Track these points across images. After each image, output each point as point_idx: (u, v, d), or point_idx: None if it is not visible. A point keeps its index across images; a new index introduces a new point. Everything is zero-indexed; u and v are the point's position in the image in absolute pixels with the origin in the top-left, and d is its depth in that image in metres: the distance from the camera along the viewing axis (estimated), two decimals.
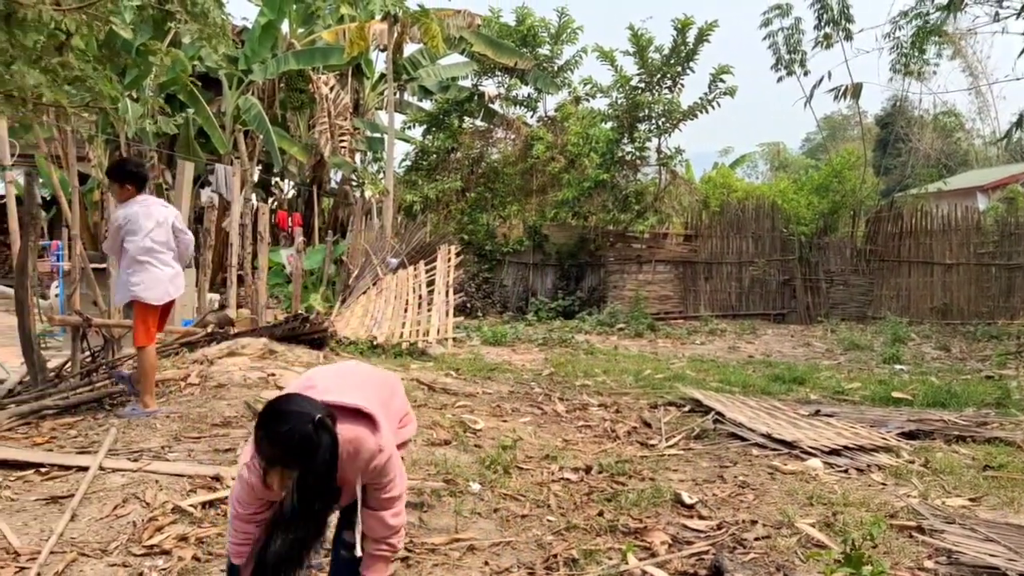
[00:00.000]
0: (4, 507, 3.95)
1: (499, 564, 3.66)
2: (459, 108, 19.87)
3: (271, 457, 2.36)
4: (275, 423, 2.35)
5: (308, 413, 2.36)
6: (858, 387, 8.61)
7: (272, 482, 2.39)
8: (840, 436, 5.92)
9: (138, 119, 14.13)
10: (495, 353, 11.68)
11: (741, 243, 17.97)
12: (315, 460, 2.34)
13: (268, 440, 2.35)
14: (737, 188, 19.89)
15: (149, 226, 5.67)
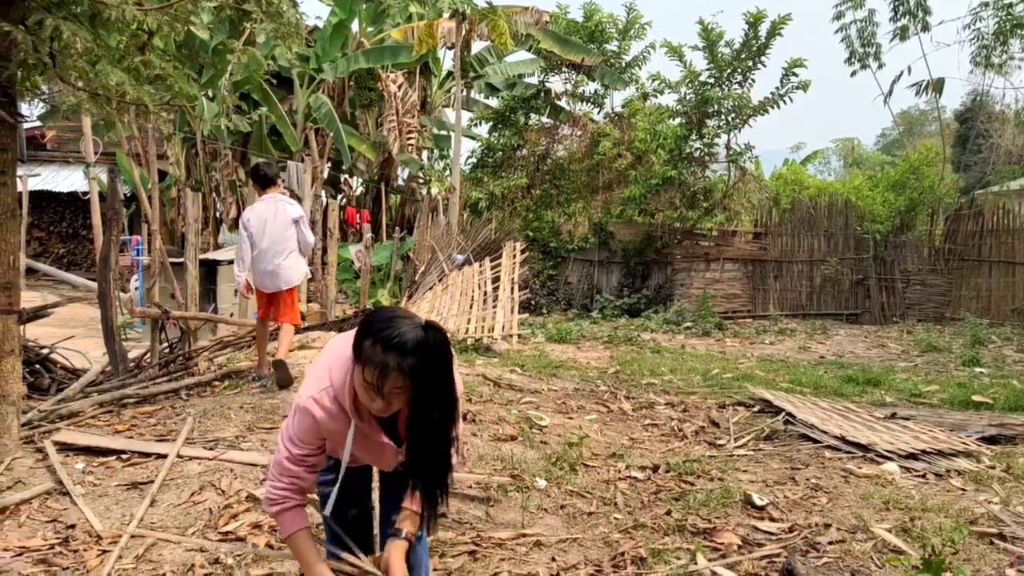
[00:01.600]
0: (88, 492, 4.10)
1: (566, 560, 3.65)
2: (525, 105, 19.87)
3: (381, 365, 2.12)
4: (380, 329, 2.14)
5: (413, 318, 2.19)
6: (936, 390, 8.34)
7: (383, 389, 2.15)
8: (918, 440, 5.75)
9: (214, 117, 14.51)
10: (560, 350, 11.65)
11: (813, 241, 17.56)
12: (434, 361, 2.14)
13: (379, 346, 2.12)
14: (809, 185, 19.42)
15: (256, 224, 6.65)
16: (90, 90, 4.31)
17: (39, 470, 4.31)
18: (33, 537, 3.62)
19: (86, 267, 21.95)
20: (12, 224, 4.46)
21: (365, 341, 2.16)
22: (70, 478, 4.16)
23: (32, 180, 17.57)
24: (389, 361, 2.12)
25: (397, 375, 2.13)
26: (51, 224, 23.90)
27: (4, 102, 4.27)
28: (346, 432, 2.33)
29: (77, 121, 14.40)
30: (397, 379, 2.14)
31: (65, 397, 5.70)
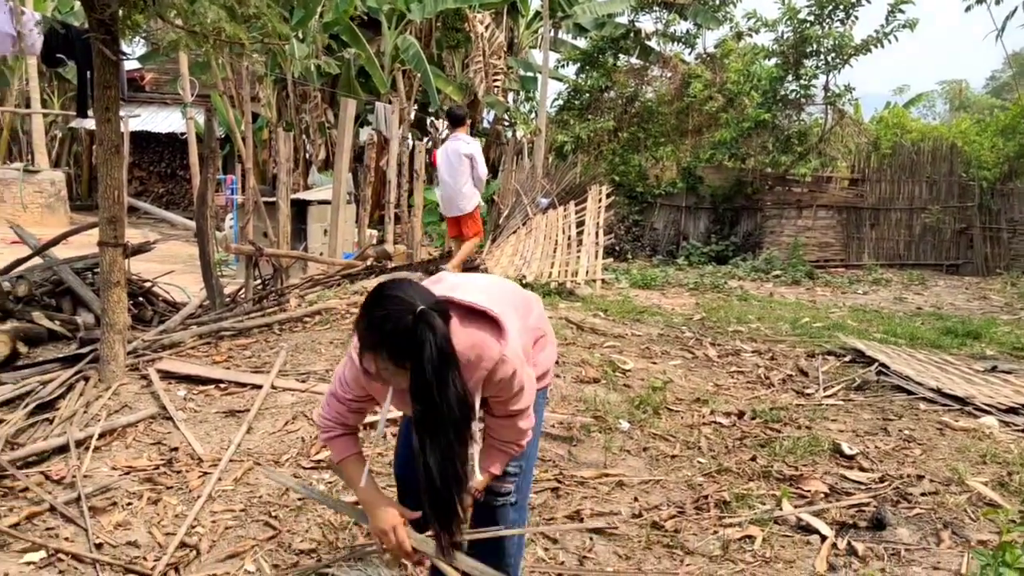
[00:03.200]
0: (189, 417, 4.30)
1: (648, 501, 3.66)
2: (614, 46, 19.41)
3: (365, 341, 2.09)
4: (373, 306, 2.08)
5: (411, 302, 2.04)
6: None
7: (368, 366, 2.12)
8: (1019, 394, 5.51)
9: (304, 58, 14.67)
10: (644, 296, 11.55)
11: (913, 188, 16.82)
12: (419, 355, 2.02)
13: (365, 322, 2.08)
14: (911, 129, 18.50)
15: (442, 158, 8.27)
16: (188, 28, 4.40)
17: (144, 396, 4.53)
18: (139, 458, 3.83)
19: (183, 206, 22.75)
20: (116, 160, 4.63)
21: (360, 308, 2.11)
22: (172, 404, 4.36)
23: (132, 121, 18.20)
24: (364, 338, 2.08)
25: (375, 356, 2.08)
26: (151, 164, 24.81)
27: (107, 40, 4.39)
28: (386, 389, 2.24)
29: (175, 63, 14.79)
30: (379, 360, 2.08)
31: (166, 328, 5.95)
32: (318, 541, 3.19)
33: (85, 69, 6.82)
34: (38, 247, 6.82)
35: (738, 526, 3.42)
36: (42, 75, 19.44)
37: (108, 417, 4.19)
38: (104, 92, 4.52)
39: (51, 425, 4.13)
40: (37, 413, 4.26)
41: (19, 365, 5.14)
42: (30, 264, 6.88)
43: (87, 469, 3.65)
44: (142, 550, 3.10)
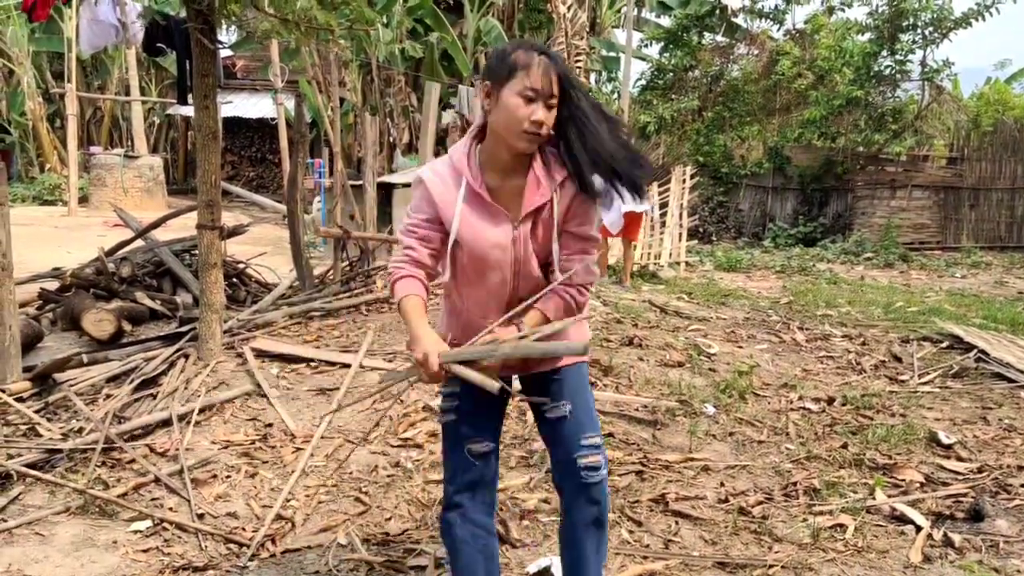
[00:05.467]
0: (282, 395, 4.44)
1: (734, 486, 3.62)
2: (699, 23, 19.02)
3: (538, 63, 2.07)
4: (514, 45, 2.13)
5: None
6: None
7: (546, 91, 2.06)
8: None
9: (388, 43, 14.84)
10: (729, 279, 11.37)
11: (1016, 167, 16.04)
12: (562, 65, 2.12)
13: (525, 49, 2.09)
14: (1015, 106, 17.60)
15: None
16: (280, 15, 4.51)
17: (239, 373, 4.71)
18: (237, 432, 3.98)
19: (273, 189, 23.38)
20: (214, 145, 4.79)
21: (507, 58, 2.09)
22: (266, 382, 4.51)
23: (225, 107, 18.75)
24: (539, 59, 2.07)
25: (549, 65, 2.07)
26: (242, 149, 25.53)
27: (204, 29, 4.55)
28: (455, 197, 2.18)
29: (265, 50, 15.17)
30: (550, 70, 2.07)
31: (259, 308, 6.15)
32: (406, 518, 3.27)
33: (184, 58, 7.06)
34: (139, 230, 7.13)
35: (829, 514, 3.35)
36: (140, 64, 20.20)
37: (207, 393, 4.37)
38: (202, 80, 4.68)
39: (154, 400, 4.33)
40: (141, 388, 4.47)
41: (124, 343, 5.39)
42: (133, 246, 7.20)
43: (188, 443, 3.81)
44: (241, 521, 3.23)
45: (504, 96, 2.08)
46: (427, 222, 2.20)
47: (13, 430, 3.91)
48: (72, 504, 3.26)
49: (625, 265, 9.65)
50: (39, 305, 6.27)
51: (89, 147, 20.61)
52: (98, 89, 22.51)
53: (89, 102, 22.21)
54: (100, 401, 4.32)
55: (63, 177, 18.11)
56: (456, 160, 2.20)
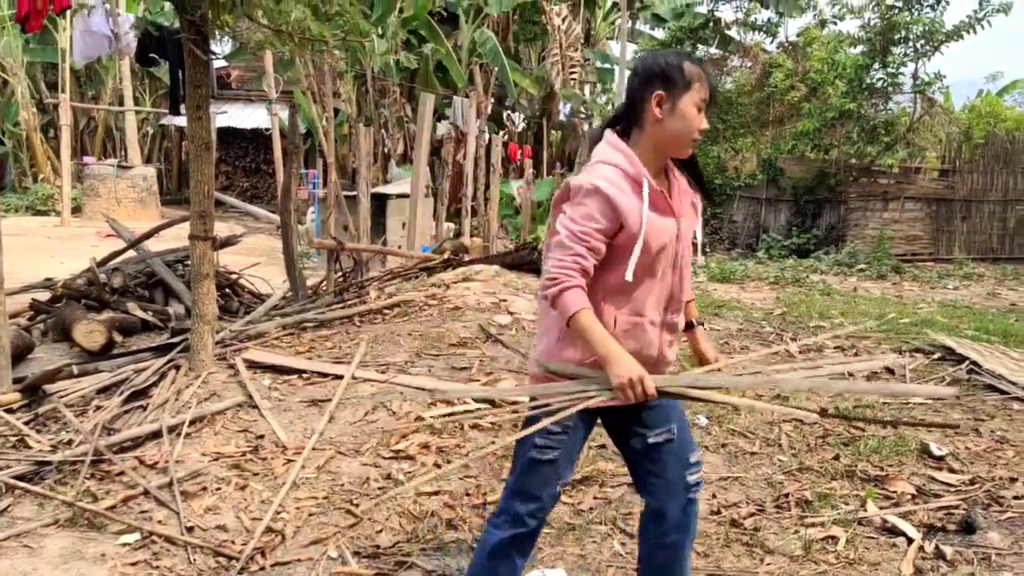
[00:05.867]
0: (273, 406, 4.43)
1: (727, 498, 3.62)
2: (693, 36, 19.11)
3: (708, 75, 2.23)
4: (679, 55, 2.25)
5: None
6: None
7: (694, 102, 2.20)
8: None
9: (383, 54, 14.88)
10: (723, 290, 11.38)
11: (1008, 179, 16.11)
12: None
13: (693, 62, 2.22)
14: (1006, 118, 17.69)
15: None
16: (274, 27, 4.52)
17: (231, 384, 4.69)
18: (227, 444, 3.96)
19: (267, 199, 23.38)
20: (207, 156, 4.79)
21: (683, 69, 2.20)
22: (258, 393, 4.50)
23: (220, 117, 18.77)
24: (706, 71, 2.23)
25: (709, 79, 2.24)
26: (236, 159, 25.54)
27: (197, 40, 4.55)
28: (638, 201, 2.19)
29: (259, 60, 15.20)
30: (710, 83, 2.24)
31: (252, 319, 6.14)
32: (397, 530, 3.25)
33: (177, 68, 7.07)
34: (132, 240, 7.11)
35: (820, 526, 3.35)
36: (134, 74, 20.21)
37: (198, 405, 4.35)
38: (195, 91, 4.68)
39: (145, 412, 4.30)
40: (132, 400, 4.45)
41: (115, 353, 5.37)
42: (125, 257, 7.18)
43: (179, 455, 3.79)
44: (230, 534, 3.21)
45: (682, 105, 2.19)
46: (600, 232, 2.17)
47: (2, 442, 3.89)
48: (61, 516, 3.24)
49: None
50: (30, 316, 6.25)
51: (82, 157, 20.60)
52: (92, 99, 22.52)
53: (83, 112, 22.21)
54: (90, 413, 4.30)
55: (56, 187, 18.10)
56: (629, 166, 2.22)
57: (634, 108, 2.26)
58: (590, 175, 2.21)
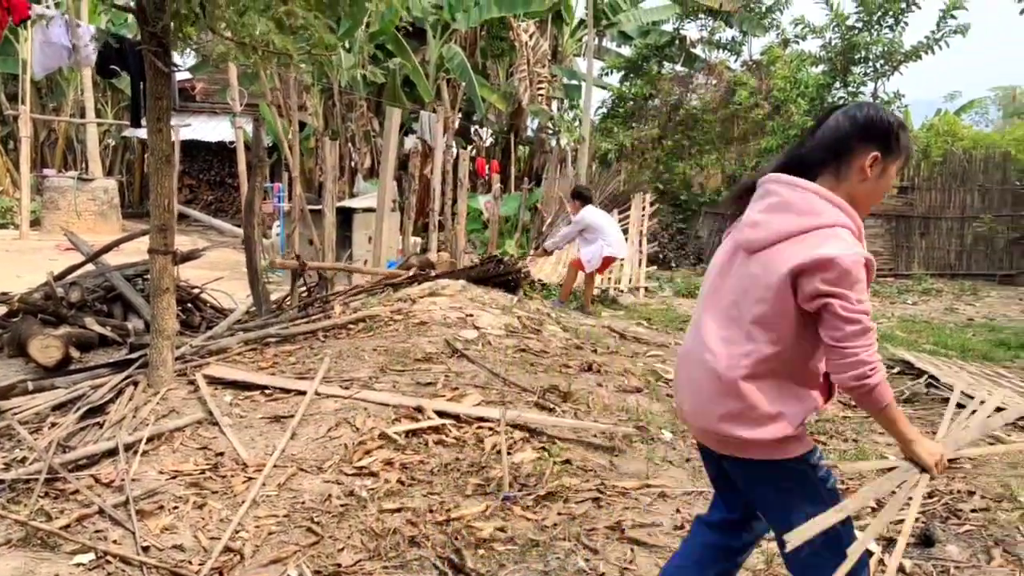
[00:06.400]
0: (234, 423, 4.36)
1: (691, 512, 3.62)
2: (659, 53, 19.34)
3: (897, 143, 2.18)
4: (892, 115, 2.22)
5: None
6: None
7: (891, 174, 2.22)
8: None
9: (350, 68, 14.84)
10: (688, 305, 11.45)
11: (965, 196, 16.45)
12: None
13: (904, 130, 2.20)
14: (963, 136, 18.10)
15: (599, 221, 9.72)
16: (237, 39, 4.48)
17: (191, 401, 4.61)
18: (186, 462, 3.89)
19: (231, 213, 23.14)
20: (167, 169, 4.73)
21: (902, 136, 2.17)
22: (219, 409, 4.42)
23: (183, 130, 18.57)
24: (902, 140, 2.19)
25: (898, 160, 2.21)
26: (200, 172, 25.27)
27: (159, 52, 4.50)
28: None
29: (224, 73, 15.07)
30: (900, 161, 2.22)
31: (214, 334, 6.05)
32: (359, 548, 3.21)
33: (138, 80, 6.99)
34: (91, 254, 6.99)
35: None
36: (96, 86, 19.95)
37: (156, 422, 4.27)
38: (156, 103, 4.62)
39: (101, 429, 4.22)
40: (88, 417, 4.35)
41: (71, 369, 5.26)
42: (83, 271, 7.06)
43: (135, 473, 3.72)
44: (187, 554, 3.15)
45: (890, 170, 2.19)
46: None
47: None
48: (13, 536, 3.16)
49: (587, 291, 9.70)
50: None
51: (42, 169, 20.25)
52: (53, 111, 22.17)
53: (43, 124, 21.87)
54: (45, 430, 4.21)
55: (15, 200, 17.76)
56: (855, 227, 2.14)
57: (838, 157, 2.17)
58: (846, 245, 2.07)
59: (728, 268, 2.28)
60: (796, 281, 2.07)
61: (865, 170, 2.15)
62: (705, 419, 2.24)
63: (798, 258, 2.06)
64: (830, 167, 2.18)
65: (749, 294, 2.16)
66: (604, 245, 9.54)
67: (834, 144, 2.17)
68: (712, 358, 2.19)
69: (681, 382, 2.36)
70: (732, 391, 2.15)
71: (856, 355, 2.03)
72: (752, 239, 2.20)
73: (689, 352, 2.33)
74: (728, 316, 2.21)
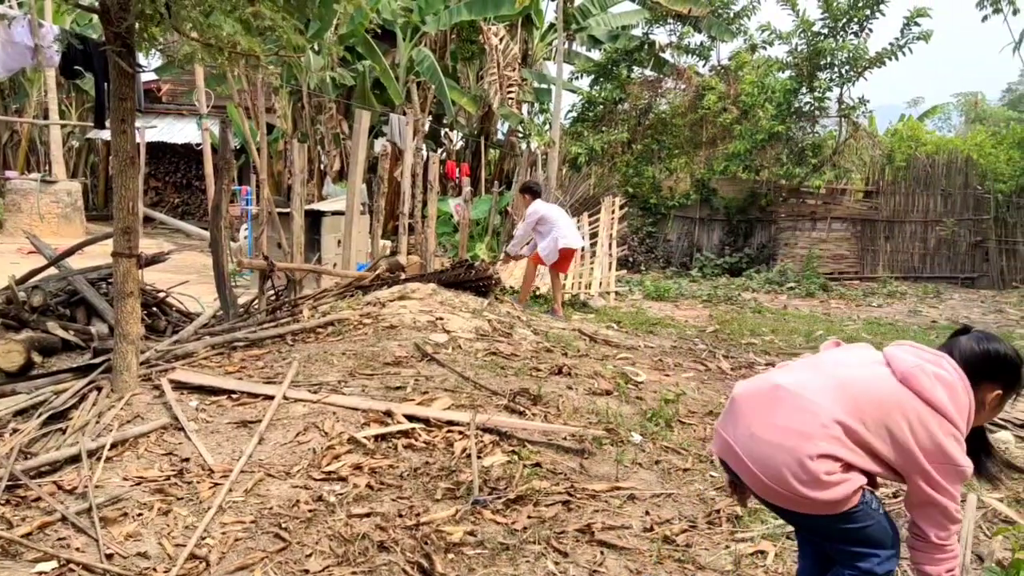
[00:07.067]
0: (200, 428, 4.30)
1: (660, 515, 3.64)
2: (628, 58, 19.45)
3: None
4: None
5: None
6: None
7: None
8: None
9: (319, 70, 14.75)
10: (657, 308, 11.53)
11: (928, 200, 16.76)
12: None
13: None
14: (926, 142, 18.44)
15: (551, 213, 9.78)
16: (203, 40, 4.43)
17: (156, 406, 4.54)
18: (150, 468, 3.83)
19: (198, 216, 22.89)
20: (131, 171, 4.66)
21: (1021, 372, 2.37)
22: (184, 415, 4.36)
23: (149, 132, 18.33)
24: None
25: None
26: (167, 174, 24.98)
27: (123, 52, 4.43)
28: None
29: (191, 74, 14.91)
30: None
31: (180, 339, 5.97)
32: (327, 554, 3.18)
33: (102, 81, 6.89)
34: (54, 257, 6.87)
35: (750, 541, 3.39)
36: (60, 87, 19.64)
37: (120, 427, 4.21)
38: (120, 104, 4.55)
39: (64, 435, 4.14)
40: (50, 423, 4.28)
41: (33, 375, 5.17)
42: (45, 274, 6.93)
43: (99, 479, 3.66)
44: (152, 561, 3.10)
45: (1006, 405, 2.45)
46: None
47: None
48: None
49: (555, 294, 9.71)
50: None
51: (4, 171, 19.89)
52: (16, 112, 21.80)
53: (6, 125, 21.49)
54: (6, 436, 4.12)
55: None
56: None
57: (972, 378, 2.33)
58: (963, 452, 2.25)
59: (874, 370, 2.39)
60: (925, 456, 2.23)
61: (987, 400, 2.38)
62: (771, 470, 2.28)
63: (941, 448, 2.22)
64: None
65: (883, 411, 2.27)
66: (558, 237, 9.47)
67: (970, 367, 2.36)
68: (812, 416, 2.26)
69: (750, 415, 2.37)
70: (810, 455, 2.23)
71: (954, 553, 2.28)
72: (913, 378, 2.29)
73: (789, 393, 2.34)
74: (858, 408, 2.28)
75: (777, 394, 2.33)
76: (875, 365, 2.39)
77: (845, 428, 2.22)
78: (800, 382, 2.34)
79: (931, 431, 2.20)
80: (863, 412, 2.24)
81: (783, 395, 2.32)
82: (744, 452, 2.31)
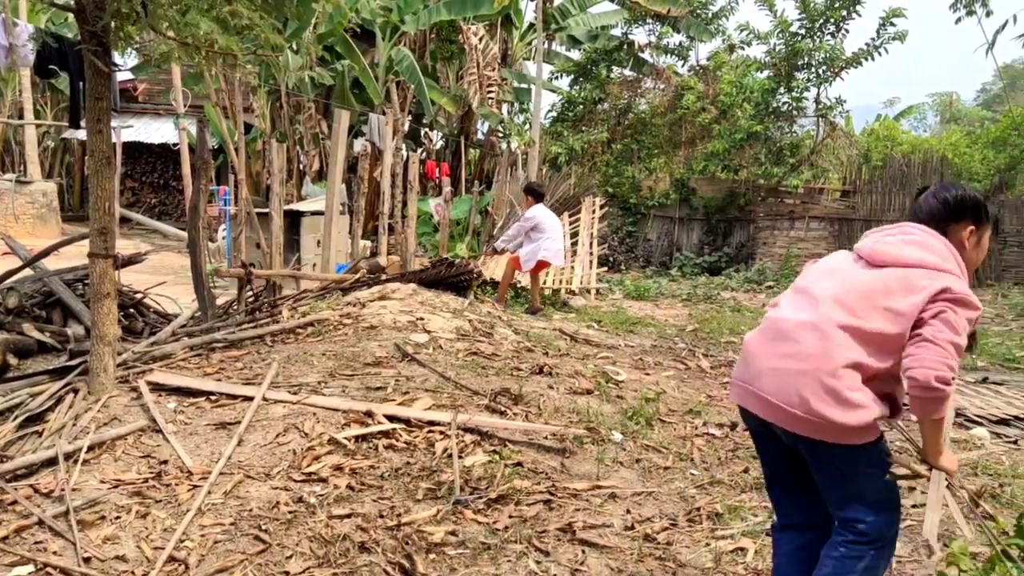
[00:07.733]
0: (179, 430, 4.27)
1: (640, 513, 3.65)
2: (608, 58, 19.50)
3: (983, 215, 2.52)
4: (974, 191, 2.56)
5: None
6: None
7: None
8: (1010, 405, 5.53)
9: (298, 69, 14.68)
10: (637, 307, 11.57)
11: (904, 199, 16.90)
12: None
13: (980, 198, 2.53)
14: (902, 141, 18.62)
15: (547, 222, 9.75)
16: (180, 39, 4.40)
17: (133, 408, 4.50)
18: (128, 471, 3.80)
19: (176, 216, 22.71)
20: (107, 171, 4.61)
21: (987, 208, 2.53)
22: (162, 416, 4.33)
23: (125, 132, 18.15)
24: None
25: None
26: (143, 175, 24.74)
27: (99, 51, 4.39)
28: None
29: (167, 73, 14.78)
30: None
31: (157, 340, 5.92)
32: (307, 556, 3.17)
33: (78, 80, 6.82)
34: (29, 258, 6.79)
35: (730, 538, 3.41)
36: (35, 86, 19.42)
37: (97, 430, 4.16)
38: (95, 103, 4.51)
39: (40, 438, 4.10)
40: (26, 426, 4.23)
41: (8, 377, 5.11)
42: (21, 275, 6.84)
43: (76, 482, 3.62)
44: (130, 564, 3.07)
45: (985, 238, 2.55)
46: None
47: None
48: None
49: (532, 292, 9.74)
50: None
51: None
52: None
53: None
54: None
55: None
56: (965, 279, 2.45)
57: (940, 227, 2.50)
58: (966, 286, 2.38)
59: (849, 268, 2.53)
60: (929, 301, 2.32)
61: (964, 241, 2.50)
62: (794, 398, 2.35)
63: (936, 287, 2.32)
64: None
65: (871, 299, 2.38)
66: (542, 249, 9.54)
67: (934, 222, 2.51)
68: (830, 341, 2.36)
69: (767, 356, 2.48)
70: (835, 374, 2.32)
71: (947, 358, 2.24)
72: (876, 255, 2.47)
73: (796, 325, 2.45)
74: (849, 308, 2.39)
75: (781, 327, 2.48)
76: (849, 264, 2.55)
77: (849, 330, 2.34)
78: (796, 307, 2.51)
79: (918, 284, 2.33)
80: (856, 310, 2.36)
81: (786, 327, 2.46)
82: (765, 390, 2.43)
